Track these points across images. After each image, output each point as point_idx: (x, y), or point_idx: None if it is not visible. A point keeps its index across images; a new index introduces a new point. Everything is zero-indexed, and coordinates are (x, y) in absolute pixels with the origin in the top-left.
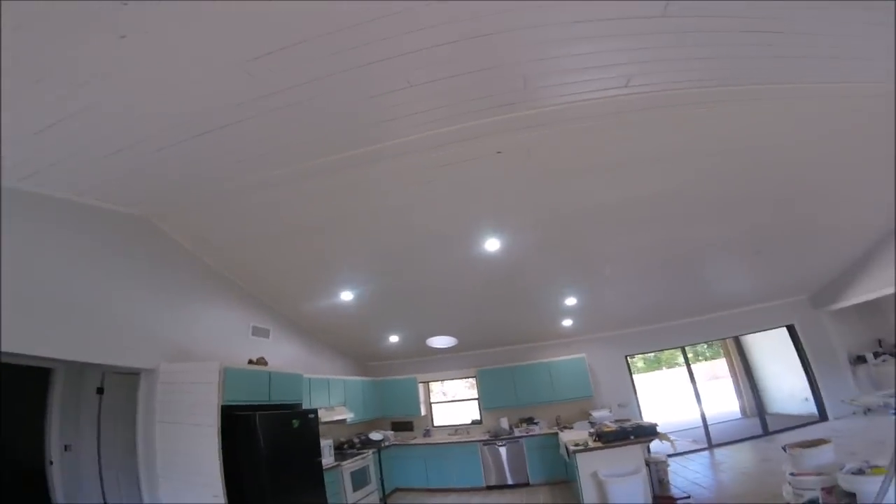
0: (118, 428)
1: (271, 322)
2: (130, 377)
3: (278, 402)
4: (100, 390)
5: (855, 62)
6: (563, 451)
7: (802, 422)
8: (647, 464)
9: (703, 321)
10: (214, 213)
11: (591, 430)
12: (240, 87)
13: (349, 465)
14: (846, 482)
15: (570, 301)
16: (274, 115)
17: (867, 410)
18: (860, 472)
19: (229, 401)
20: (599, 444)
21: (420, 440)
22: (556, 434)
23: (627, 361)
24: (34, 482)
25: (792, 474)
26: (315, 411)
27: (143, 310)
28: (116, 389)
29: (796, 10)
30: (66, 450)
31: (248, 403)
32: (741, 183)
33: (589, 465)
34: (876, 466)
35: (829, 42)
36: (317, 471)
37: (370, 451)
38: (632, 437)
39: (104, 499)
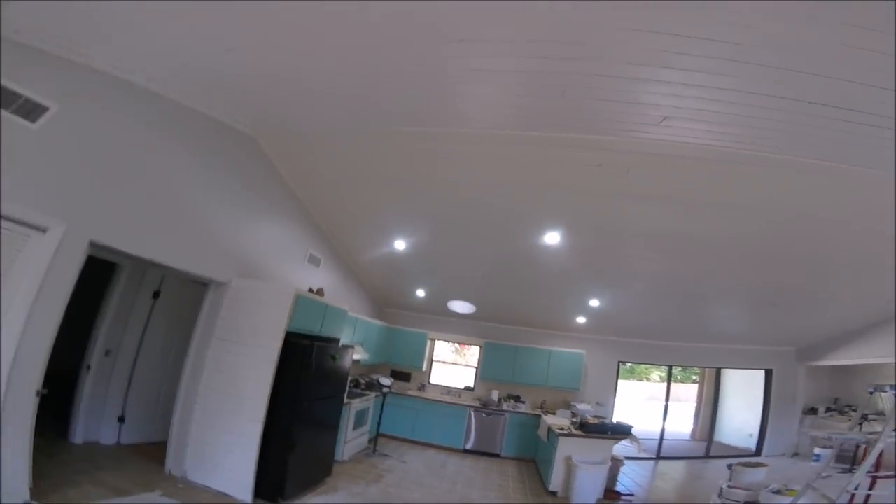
0: (160, 337)
1: (323, 252)
2: (188, 284)
3: (326, 335)
4: (156, 294)
5: None
6: (542, 431)
7: (739, 454)
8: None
9: (696, 348)
10: (315, 148)
11: (574, 419)
12: (368, 55)
13: (357, 405)
14: (765, 498)
15: (593, 302)
16: (387, 82)
17: (794, 454)
18: (778, 492)
19: (292, 328)
20: (581, 433)
21: (415, 392)
22: (539, 416)
23: (618, 366)
24: (64, 387)
25: (729, 486)
26: (351, 348)
27: (226, 222)
28: (171, 295)
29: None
30: (106, 355)
31: (303, 332)
32: (772, 241)
33: (566, 449)
34: (790, 489)
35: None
36: (339, 405)
37: (373, 394)
38: (609, 433)
39: (123, 411)
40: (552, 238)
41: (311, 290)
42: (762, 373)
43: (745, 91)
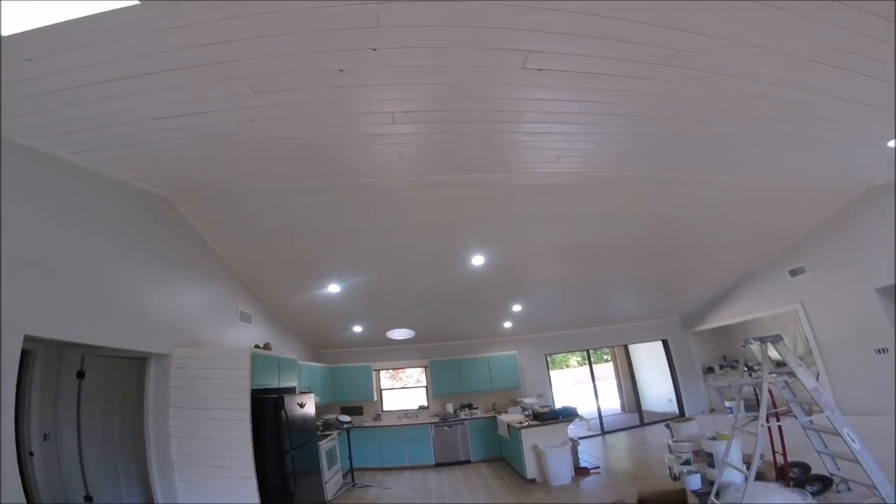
0: (97, 414)
1: (253, 307)
2: (112, 360)
3: (285, 386)
4: (80, 374)
5: (751, 163)
6: (502, 430)
7: (667, 418)
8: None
9: (605, 330)
10: (230, 207)
11: (526, 412)
12: (274, 117)
13: (324, 445)
14: (707, 445)
15: (515, 307)
16: (293, 148)
17: (711, 410)
18: (714, 438)
19: (254, 384)
20: (537, 422)
21: (372, 423)
22: (495, 417)
23: (546, 359)
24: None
25: (674, 441)
26: (311, 394)
27: (152, 294)
28: (97, 373)
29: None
30: (44, 439)
31: (263, 387)
32: (648, 238)
33: (530, 440)
34: (722, 434)
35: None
36: (315, 449)
37: (335, 433)
38: (560, 417)
39: (86, 490)
40: (477, 260)
41: (257, 346)
42: (661, 343)
43: (612, 133)
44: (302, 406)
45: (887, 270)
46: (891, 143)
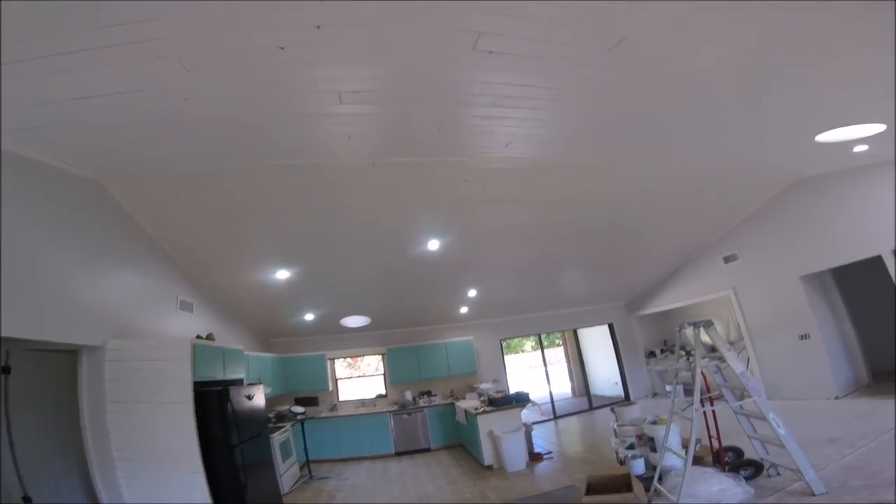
0: (28, 411)
1: (194, 296)
2: (40, 354)
3: (231, 378)
4: (5, 370)
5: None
6: (460, 417)
7: (613, 401)
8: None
9: (556, 315)
10: (166, 188)
11: (482, 398)
12: (210, 94)
13: (277, 437)
14: (648, 430)
15: (471, 293)
16: (233, 127)
17: (654, 394)
18: (654, 422)
19: (197, 377)
20: (492, 408)
21: (328, 414)
22: (453, 404)
23: (501, 344)
24: None
25: (619, 425)
26: (260, 385)
27: (81, 282)
28: (24, 368)
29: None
30: None
31: (208, 379)
32: (595, 222)
33: (486, 425)
34: (662, 419)
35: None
36: (267, 440)
37: (288, 424)
38: (514, 402)
39: (24, 490)
40: (433, 245)
41: (199, 337)
42: (607, 328)
43: (560, 120)
44: (250, 398)
45: (810, 259)
46: (818, 138)
